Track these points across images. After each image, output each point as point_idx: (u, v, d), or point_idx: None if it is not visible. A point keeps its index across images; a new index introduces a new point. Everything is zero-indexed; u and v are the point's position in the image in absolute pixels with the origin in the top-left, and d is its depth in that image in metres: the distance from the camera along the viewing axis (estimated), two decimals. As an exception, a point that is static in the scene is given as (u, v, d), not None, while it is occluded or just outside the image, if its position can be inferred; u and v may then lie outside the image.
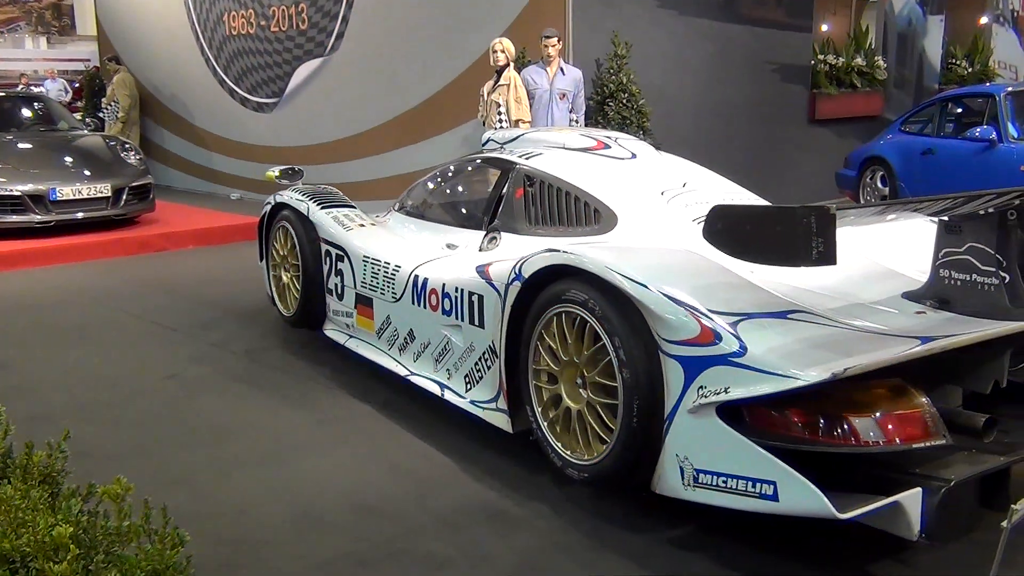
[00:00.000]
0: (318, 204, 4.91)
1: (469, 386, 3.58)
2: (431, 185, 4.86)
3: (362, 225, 4.73)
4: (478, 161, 4.70)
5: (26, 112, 10.04)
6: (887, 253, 3.50)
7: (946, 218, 2.82)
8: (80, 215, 8.44)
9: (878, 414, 2.46)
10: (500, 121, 7.40)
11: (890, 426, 2.46)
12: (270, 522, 2.98)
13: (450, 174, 4.84)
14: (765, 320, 2.61)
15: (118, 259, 8.04)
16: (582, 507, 3.03)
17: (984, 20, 13.57)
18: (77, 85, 18.44)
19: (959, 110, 8.95)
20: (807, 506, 2.35)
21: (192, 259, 8.04)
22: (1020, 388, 2.95)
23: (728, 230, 2.51)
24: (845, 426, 2.45)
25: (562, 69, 7.66)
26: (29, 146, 9.07)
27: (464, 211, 4.51)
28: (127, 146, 9.54)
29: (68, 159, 8.85)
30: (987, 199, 2.62)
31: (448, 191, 4.79)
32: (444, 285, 3.75)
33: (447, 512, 3.03)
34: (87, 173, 8.66)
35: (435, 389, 3.78)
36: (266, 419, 3.97)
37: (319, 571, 2.68)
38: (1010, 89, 8.28)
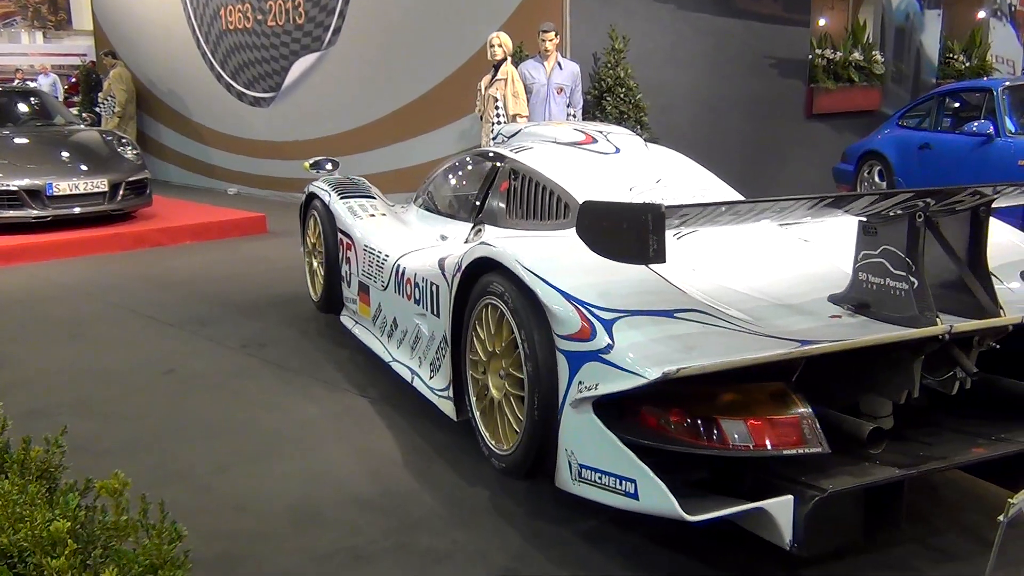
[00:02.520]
0: (339, 194, 5.09)
1: (432, 374, 3.67)
2: (439, 177, 4.97)
3: (372, 215, 4.87)
4: (479, 155, 4.78)
5: (22, 107, 10.01)
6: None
7: (864, 219, 2.76)
8: (77, 210, 8.42)
9: (751, 418, 2.45)
10: (497, 116, 7.40)
11: (762, 431, 2.45)
12: (268, 516, 2.98)
13: (455, 167, 4.93)
14: (645, 318, 2.59)
15: (115, 254, 8.03)
16: (580, 503, 3.03)
17: (981, 14, 13.57)
18: (73, 80, 18.40)
19: (956, 105, 8.95)
20: (660, 506, 2.35)
21: (189, 254, 8.03)
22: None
23: (591, 226, 2.46)
24: (715, 429, 2.45)
25: (559, 63, 7.65)
26: (25, 141, 9.04)
27: (459, 204, 4.60)
28: (124, 141, 9.52)
29: (64, 154, 8.83)
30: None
31: (451, 184, 4.88)
32: (415, 275, 3.87)
33: (445, 507, 3.04)
34: (84, 168, 8.64)
35: (407, 375, 3.89)
36: (263, 414, 3.97)
37: (317, 565, 2.68)
38: (1007, 83, 8.28)
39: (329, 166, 5.79)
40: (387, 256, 4.27)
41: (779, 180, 10.02)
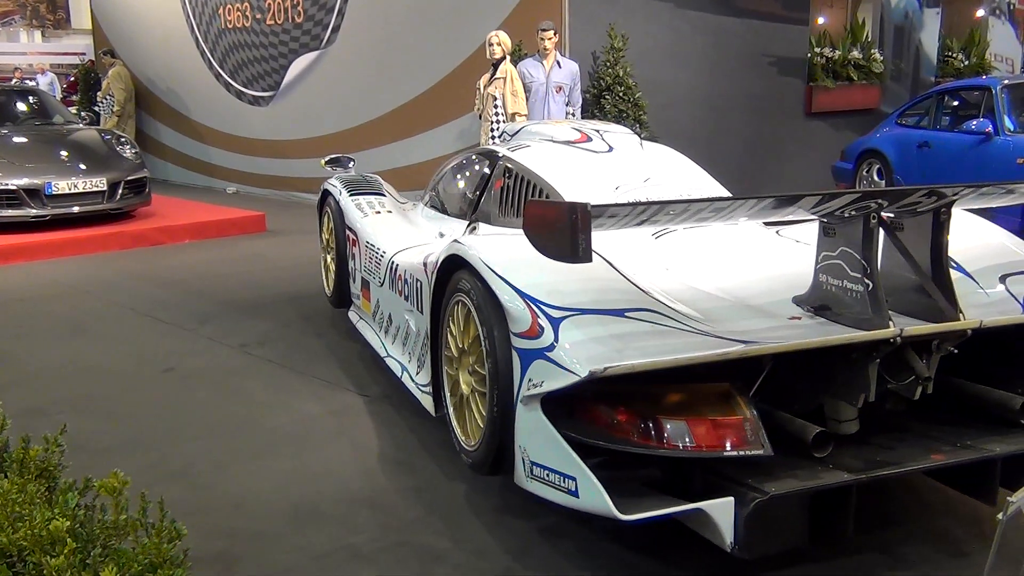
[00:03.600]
0: (349, 191, 5.16)
1: (418, 369, 3.70)
2: (443, 175, 5.01)
3: (378, 212, 4.93)
4: (480, 154, 4.83)
5: (21, 106, 10.01)
6: None
7: (825, 220, 2.73)
8: (76, 209, 8.43)
9: (692, 419, 2.45)
10: (496, 114, 7.40)
11: (703, 432, 2.45)
12: (267, 515, 2.99)
13: (458, 166, 4.97)
14: (593, 316, 2.59)
15: (114, 253, 8.03)
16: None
17: (980, 13, 13.57)
18: (72, 79, 18.38)
19: (955, 103, 8.95)
20: (596, 504, 2.36)
21: (188, 253, 8.03)
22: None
23: (533, 225, 2.44)
24: (657, 428, 2.46)
25: (558, 62, 7.65)
26: (24, 140, 9.05)
27: (458, 202, 4.64)
28: (123, 140, 9.52)
29: (63, 153, 8.83)
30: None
31: (452, 182, 4.92)
32: (405, 272, 3.92)
33: (443, 505, 3.04)
34: (83, 167, 8.64)
35: (398, 370, 3.94)
36: (263, 412, 3.97)
37: (316, 563, 2.68)
38: (1006, 82, 8.28)
39: (351, 164, 5.88)
40: (384, 252, 4.33)
41: (778, 178, 10.03)
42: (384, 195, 5.20)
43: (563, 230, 2.20)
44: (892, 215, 2.77)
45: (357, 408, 4.00)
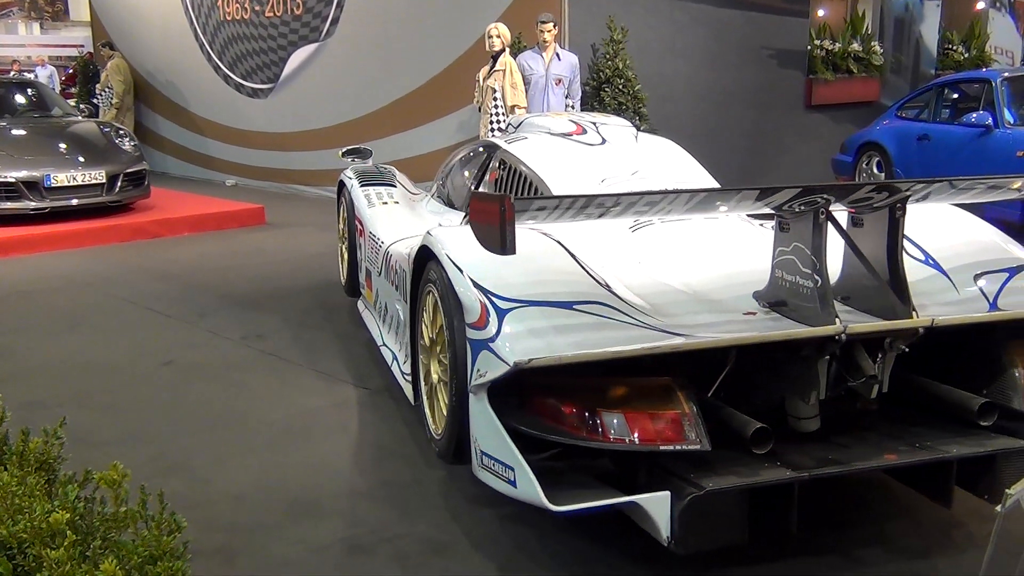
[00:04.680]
0: (360, 182, 5.22)
1: (405, 358, 3.73)
2: (449, 167, 5.05)
3: (385, 203, 4.98)
4: (482, 145, 4.85)
5: (20, 98, 9.99)
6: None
7: (781, 216, 2.70)
8: (75, 202, 8.42)
9: (630, 413, 2.46)
10: (495, 107, 7.39)
11: (641, 426, 2.45)
12: (267, 508, 2.99)
13: (462, 158, 4.99)
14: (539, 309, 2.60)
15: (113, 246, 8.02)
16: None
17: (980, 5, 13.55)
18: (71, 71, 18.35)
19: (955, 96, 8.94)
20: (529, 494, 2.39)
21: (187, 246, 8.03)
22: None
23: (471, 218, 2.45)
24: (596, 421, 2.46)
25: (558, 54, 7.64)
26: (23, 132, 9.03)
27: (459, 193, 4.67)
28: (122, 132, 9.50)
29: (62, 145, 8.81)
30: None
31: (453, 173, 4.94)
32: (396, 262, 3.98)
33: (444, 497, 3.04)
34: (81, 159, 8.63)
35: (389, 359, 4.01)
36: (262, 406, 3.97)
37: (316, 556, 2.69)
38: (1006, 74, 8.26)
39: (367, 156, 5.92)
40: (383, 242, 4.39)
41: (778, 171, 10.02)
42: (395, 186, 5.23)
43: (493, 223, 2.24)
44: (854, 211, 2.76)
45: (357, 401, 4.00)
